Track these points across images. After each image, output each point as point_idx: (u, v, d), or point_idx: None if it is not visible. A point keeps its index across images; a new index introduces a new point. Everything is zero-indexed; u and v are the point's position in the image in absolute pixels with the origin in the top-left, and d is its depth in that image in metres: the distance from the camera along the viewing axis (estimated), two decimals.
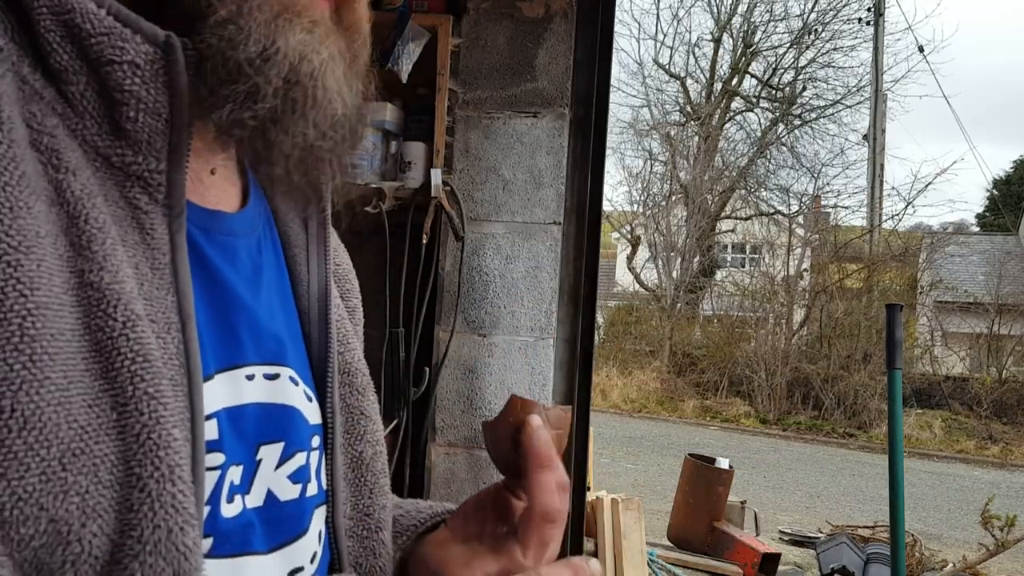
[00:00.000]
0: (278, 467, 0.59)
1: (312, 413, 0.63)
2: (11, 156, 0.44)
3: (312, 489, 0.62)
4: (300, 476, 0.61)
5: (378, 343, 2.37)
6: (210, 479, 0.52)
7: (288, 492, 0.60)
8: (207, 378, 0.53)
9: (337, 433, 0.65)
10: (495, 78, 2.37)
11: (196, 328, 0.51)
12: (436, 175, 2.30)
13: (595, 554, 4.41)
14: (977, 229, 24.04)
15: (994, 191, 24.55)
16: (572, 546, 2.33)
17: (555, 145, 2.34)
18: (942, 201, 46.08)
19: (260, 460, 0.58)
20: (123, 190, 0.51)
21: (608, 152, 2.56)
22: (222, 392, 0.55)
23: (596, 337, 2.59)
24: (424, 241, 2.36)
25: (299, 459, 0.61)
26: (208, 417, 0.52)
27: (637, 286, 19.88)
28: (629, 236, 20.31)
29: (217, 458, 0.53)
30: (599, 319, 17.65)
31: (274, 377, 0.59)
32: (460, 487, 2.28)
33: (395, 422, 2.34)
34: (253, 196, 0.63)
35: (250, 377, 0.58)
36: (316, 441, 0.63)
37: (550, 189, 2.33)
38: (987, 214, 24.75)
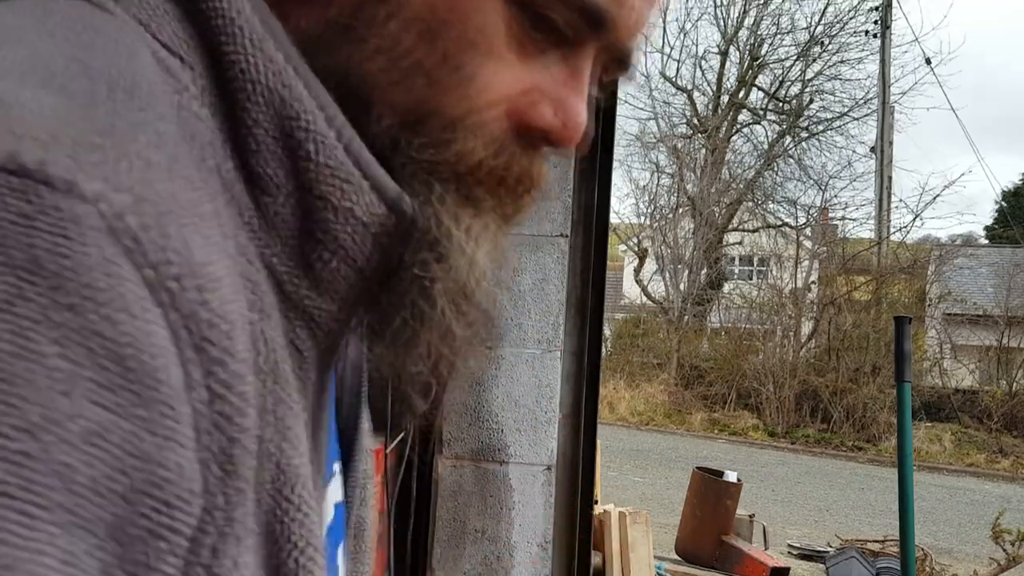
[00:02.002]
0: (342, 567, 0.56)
1: (339, 491, 0.58)
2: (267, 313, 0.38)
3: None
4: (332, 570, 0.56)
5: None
6: None
7: None
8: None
9: (353, 509, 0.60)
10: None
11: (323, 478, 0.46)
12: None
13: (603, 568, 4.39)
14: (986, 241, 23.97)
15: (1003, 203, 24.49)
16: (580, 560, 2.32)
17: (562, 157, 2.34)
18: (951, 213, 46.09)
19: (339, 567, 0.54)
20: (286, 323, 0.42)
21: (615, 164, 2.56)
22: (327, 511, 0.51)
23: (603, 349, 2.59)
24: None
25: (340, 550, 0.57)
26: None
27: (644, 298, 19.86)
28: (636, 248, 20.32)
29: None
30: (606, 331, 17.63)
31: (333, 475, 0.55)
32: (467, 500, 2.28)
33: (402, 435, 2.34)
34: None
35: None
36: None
37: (557, 201, 2.33)
38: (996, 226, 24.69)
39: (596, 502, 4.16)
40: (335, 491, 0.54)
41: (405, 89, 0.43)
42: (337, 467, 0.56)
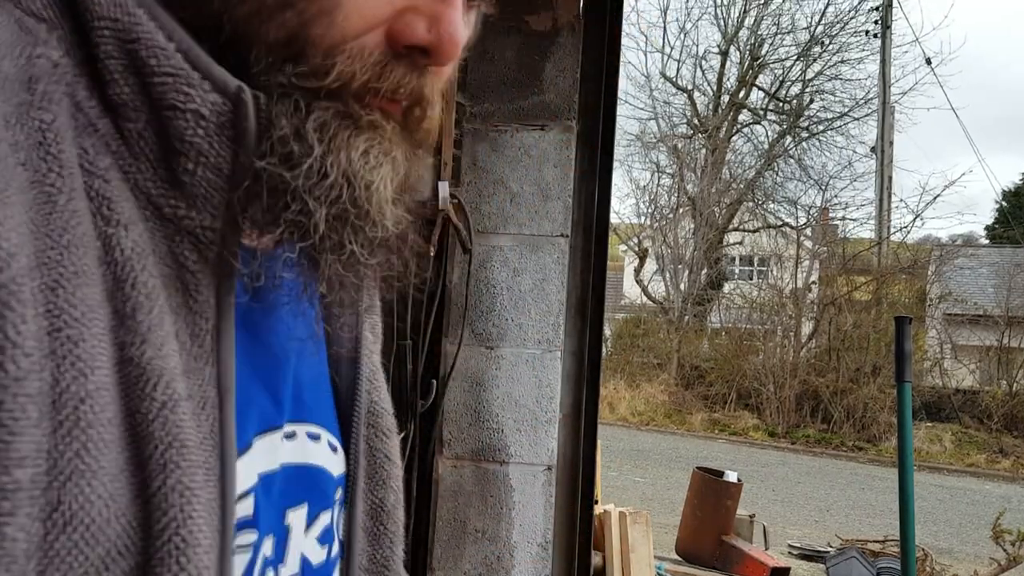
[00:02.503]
0: (307, 530, 0.55)
1: (336, 464, 0.59)
2: (72, 209, 0.40)
3: (336, 548, 0.59)
4: (327, 537, 0.57)
5: (385, 356, 2.37)
6: (241, 561, 0.49)
7: (318, 555, 0.56)
8: (245, 448, 0.49)
9: (359, 483, 0.60)
10: (502, 91, 2.38)
11: (235, 401, 0.46)
12: (444, 188, 2.31)
13: (603, 568, 4.39)
14: (986, 241, 23.96)
15: (1003, 203, 24.48)
16: (580, 560, 2.32)
17: (562, 158, 2.34)
18: (951, 213, 45.99)
19: (289, 526, 0.54)
20: (171, 244, 0.45)
21: (615, 165, 2.56)
22: (260, 460, 0.51)
23: (603, 350, 2.59)
24: (431, 254, 2.36)
25: (324, 519, 0.57)
26: (244, 495, 0.48)
27: (645, 298, 19.85)
28: (636, 248, 20.31)
29: (250, 536, 0.49)
30: (606, 332, 17.62)
31: (292, 436, 0.55)
32: (467, 500, 2.28)
33: (403, 435, 2.34)
34: None
35: (282, 438, 0.54)
36: (338, 494, 0.59)
37: (557, 202, 2.33)
38: (996, 226, 24.68)
39: (596, 502, 4.16)
40: (297, 452, 0.55)
41: (278, 25, 0.45)
42: (311, 430, 0.57)
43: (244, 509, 0.49)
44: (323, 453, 0.58)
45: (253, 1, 0.45)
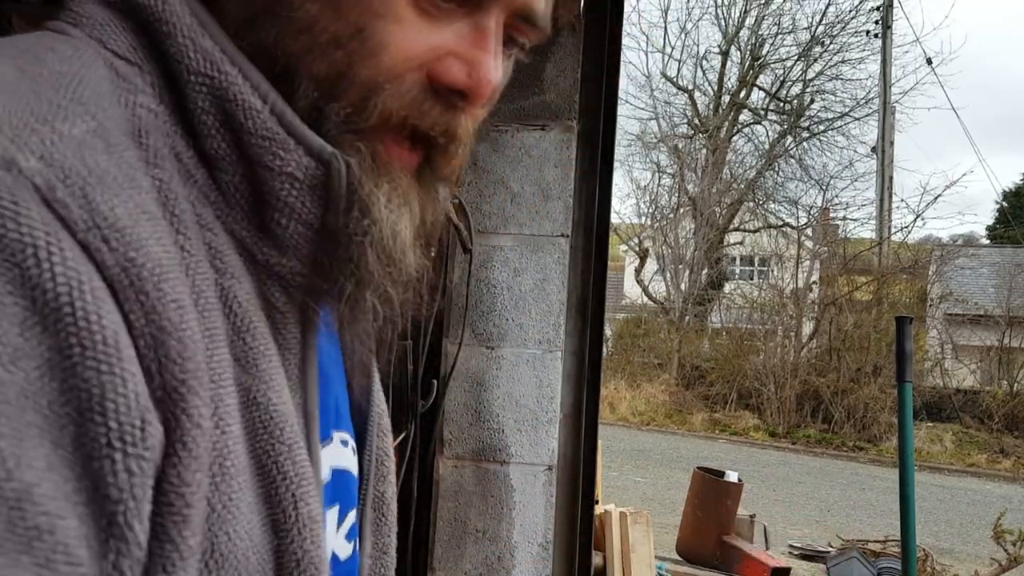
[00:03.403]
0: (338, 529, 0.59)
1: (355, 465, 0.63)
2: (202, 272, 0.42)
3: (358, 543, 0.63)
4: (352, 534, 0.61)
5: (386, 355, 2.37)
6: None
7: (345, 551, 0.60)
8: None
9: (371, 481, 0.64)
10: (503, 91, 2.38)
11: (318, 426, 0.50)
12: (444, 188, 2.31)
13: (604, 568, 4.39)
14: (987, 241, 23.95)
15: (1004, 203, 24.47)
16: (580, 560, 2.32)
17: (563, 158, 2.34)
18: (952, 213, 45.84)
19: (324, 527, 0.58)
20: (262, 287, 0.48)
21: (616, 165, 2.56)
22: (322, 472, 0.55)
23: (604, 350, 2.59)
24: (432, 254, 2.36)
25: (351, 517, 0.61)
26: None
27: (645, 299, 19.85)
28: (637, 248, 20.31)
29: None
30: (607, 332, 17.63)
31: (330, 441, 0.59)
32: (468, 500, 2.28)
33: (403, 435, 2.34)
34: None
35: (337, 443, 0.58)
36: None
37: (558, 202, 2.33)
38: (997, 226, 24.67)
39: (597, 502, 4.16)
40: (336, 457, 0.59)
41: (326, 62, 0.48)
42: (343, 437, 0.60)
43: None
44: (349, 457, 0.61)
45: (306, 38, 0.48)
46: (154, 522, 0.37)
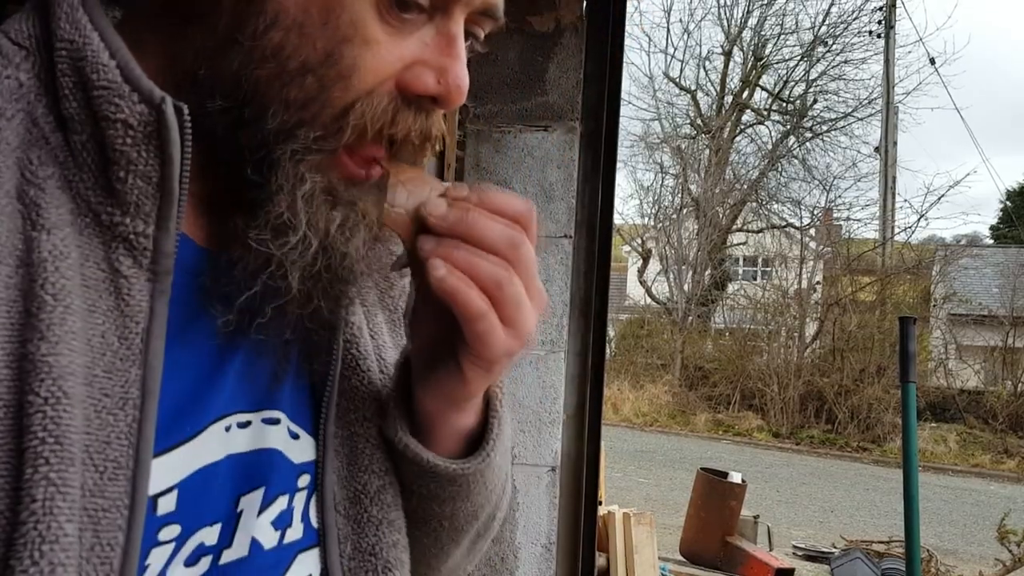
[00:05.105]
0: (260, 514, 0.57)
1: (299, 451, 0.60)
2: None
3: (295, 533, 0.59)
4: (281, 521, 0.58)
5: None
6: (160, 555, 0.50)
7: (271, 539, 0.57)
8: (172, 447, 0.51)
9: (328, 469, 0.61)
10: (505, 92, 2.38)
11: (158, 402, 0.49)
12: None
13: (607, 569, 4.39)
14: (991, 241, 23.90)
15: (1008, 203, 24.42)
16: (584, 561, 2.32)
17: (566, 158, 2.34)
18: (955, 213, 45.66)
19: (241, 511, 0.56)
20: (107, 251, 0.49)
21: (619, 165, 2.56)
22: (189, 456, 0.53)
23: (607, 350, 2.58)
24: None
25: (281, 503, 0.58)
26: (164, 492, 0.51)
27: (648, 299, 19.84)
28: (640, 249, 20.29)
29: (172, 531, 0.51)
30: (610, 332, 17.62)
31: (246, 424, 0.57)
32: None
33: None
34: None
35: (228, 428, 0.56)
36: (304, 480, 0.60)
37: (561, 202, 2.33)
38: (1001, 226, 24.59)
39: (600, 503, 4.15)
40: (255, 438, 0.57)
41: (297, 87, 0.50)
42: (271, 415, 0.59)
43: (167, 505, 0.51)
44: (280, 438, 0.59)
45: (273, 66, 0.50)
46: None
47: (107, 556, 0.45)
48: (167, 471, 0.51)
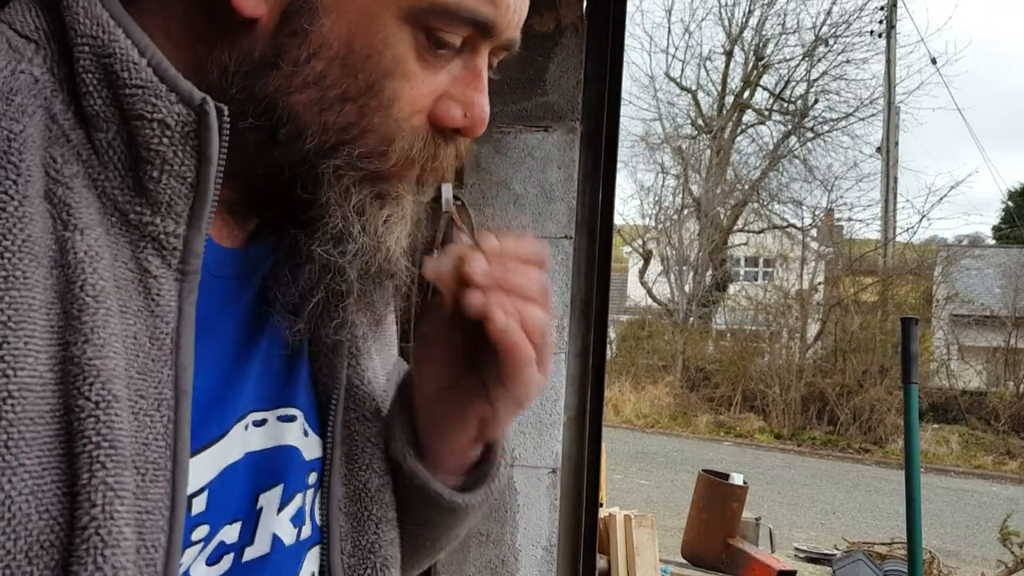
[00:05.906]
0: (280, 511, 0.58)
1: (310, 448, 0.61)
2: (19, 216, 0.43)
3: (307, 531, 0.60)
4: (298, 519, 0.59)
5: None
6: (192, 553, 0.51)
7: (290, 535, 0.58)
8: (203, 447, 0.52)
9: (335, 466, 0.62)
10: (505, 92, 2.38)
11: (191, 403, 0.49)
12: (447, 190, 2.30)
13: (608, 571, 4.38)
14: (993, 242, 23.88)
15: (1010, 203, 24.40)
16: (585, 563, 2.31)
17: (566, 159, 2.33)
18: (957, 213, 45.68)
19: (261, 509, 0.57)
20: (135, 250, 0.49)
21: (619, 166, 2.55)
22: (218, 456, 0.54)
23: (608, 352, 2.57)
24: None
25: (297, 500, 0.60)
26: (197, 492, 0.51)
27: (649, 300, 19.83)
28: (641, 250, 20.29)
29: (202, 531, 0.52)
30: (611, 333, 17.61)
31: (261, 423, 0.58)
32: None
33: None
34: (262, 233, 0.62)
35: (246, 427, 0.57)
36: (312, 478, 0.62)
37: (561, 203, 2.32)
38: (1003, 226, 24.58)
39: (601, 505, 4.15)
40: (271, 435, 0.58)
41: (337, 113, 0.53)
42: (287, 413, 0.60)
43: (199, 505, 0.51)
44: (296, 434, 0.60)
45: (313, 92, 0.52)
46: None
47: (152, 558, 0.45)
48: (200, 471, 0.51)
